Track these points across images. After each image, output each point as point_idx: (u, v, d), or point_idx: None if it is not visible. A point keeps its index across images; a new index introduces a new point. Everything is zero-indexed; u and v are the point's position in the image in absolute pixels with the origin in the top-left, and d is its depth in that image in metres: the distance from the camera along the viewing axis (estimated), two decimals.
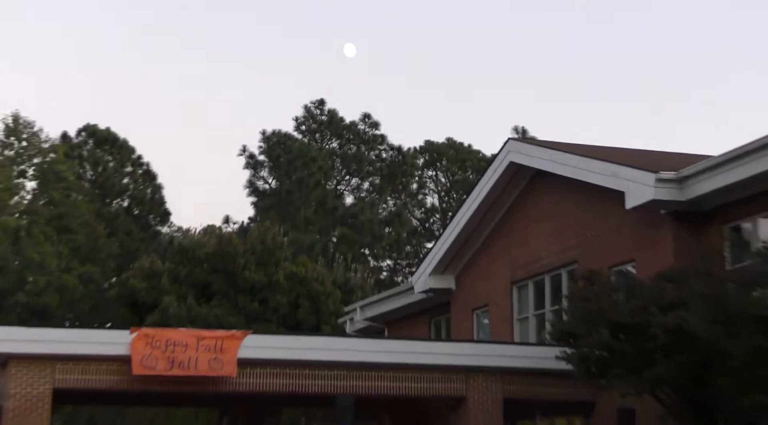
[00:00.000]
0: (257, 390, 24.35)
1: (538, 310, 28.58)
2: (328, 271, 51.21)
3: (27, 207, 48.96)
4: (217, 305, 42.85)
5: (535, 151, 28.45)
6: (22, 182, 50.98)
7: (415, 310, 34.89)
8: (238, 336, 23.72)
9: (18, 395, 21.82)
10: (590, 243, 25.86)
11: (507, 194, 29.64)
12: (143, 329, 24.29)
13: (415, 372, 24.79)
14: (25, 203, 49.34)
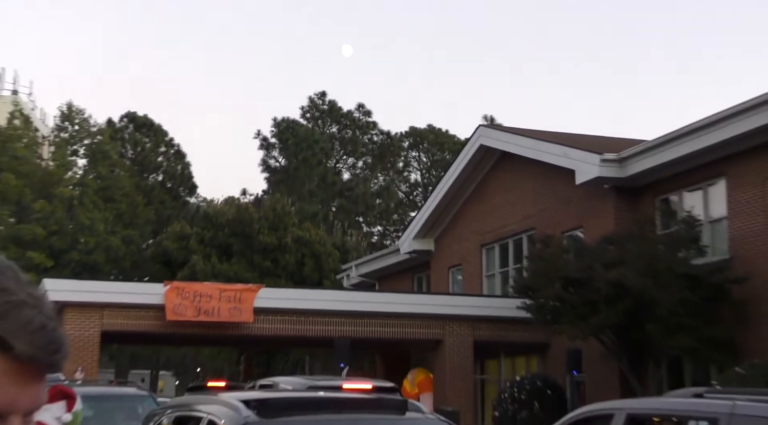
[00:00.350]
0: (269, 334, 24.90)
1: (503, 268, 28.80)
2: (329, 235, 50.92)
3: (79, 180, 48.85)
4: (236, 263, 43.03)
5: (501, 136, 28.66)
6: (75, 160, 50.90)
7: (401, 268, 34.85)
8: (253, 289, 24.33)
9: (72, 336, 21.94)
10: (546, 212, 26.03)
11: (477, 171, 29.66)
12: (175, 282, 24.87)
13: (401, 319, 25.22)
14: (77, 177, 49.23)
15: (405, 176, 70.15)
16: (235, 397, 6.07)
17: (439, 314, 25.67)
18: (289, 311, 24.23)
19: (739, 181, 20.95)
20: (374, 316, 25.05)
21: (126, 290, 24.38)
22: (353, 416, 6.05)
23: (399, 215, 65.59)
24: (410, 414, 6.15)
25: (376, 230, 66.32)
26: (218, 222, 45.90)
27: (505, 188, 28.61)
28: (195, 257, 43.06)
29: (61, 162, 48.17)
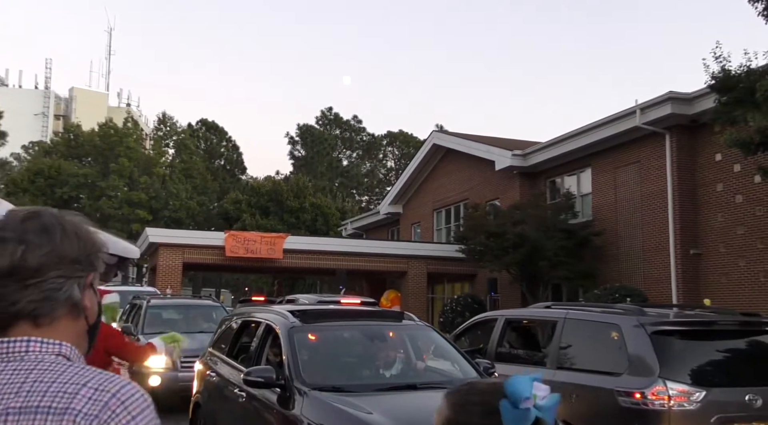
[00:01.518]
0: (293, 266, 25.09)
1: (447, 224, 28.87)
2: (333, 202, 51.31)
3: (169, 164, 48.85)
4: (272, 220, 42.93)
5: (447, 138, 28.59)
6: (167, 150, 51.19)
7: (380, 224, 34.89)
8: (282, 236, 24.48)
9: (164, 265, 22.64)
10: (475, 188, 26.11)
11: (431, 161, 29.60)
12: (231, 232, 24.86)
13: (380, 257, 25.46)
14: (168, 162, 49.38)
15: (384, 163, 70.40)
16: (284, 309, 5.95)
17: (404, 255, 25.86)
18: (306, 251, 24.38)
19: (599, 170, 21.16)
20: (362, 255, 25.22)
21: (199, 236, 24.46)
22: (365, 321, 5.88)
23: (379, 189, 65.85)
24: (405, 321, 5.97)
25: (364, 198, 66.63)
26: (260, 192, 45.81)
27: (449, 172, 28.57)
28: (245, 215, 43.00)
29: (158, 151, 48.20)
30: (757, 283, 16.49)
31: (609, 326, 5.76)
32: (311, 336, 5.40)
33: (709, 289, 17.59)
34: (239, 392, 5.34)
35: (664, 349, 5.27)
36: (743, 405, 5.07)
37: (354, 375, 5.10)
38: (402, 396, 4.55)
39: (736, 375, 5.45)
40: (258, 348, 5.63)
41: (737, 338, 5.81)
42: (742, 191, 17.00)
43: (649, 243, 18.96)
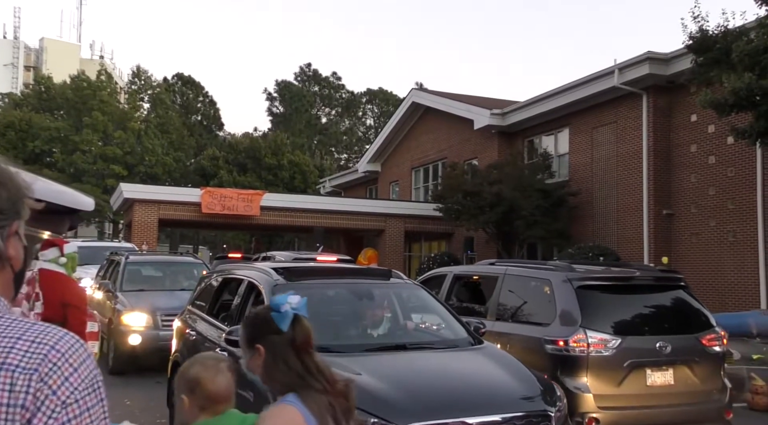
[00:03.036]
0: (271, 223, 24.89)
1: (425, 183, 28.85)
2: (312, 159, 51.06)
3: (144, 118, 47.85)
4: (249, 176, 42.32)
5: (426, 96, 28.27)
6: (141, 104, 49.93)
7: (359, 182, 34.82)
8: (259, 194, 24.13)
9: (139, 221, 22.28)
10: (454, 147, 26.03)
11: (410, 119, 29.34)
12: (207, 188, 24.55)
13: (357, 215, 25.33)
14: (143, 116, 48.30)
15: (363, 121, 69.67)
16: (267, 265, 5.65)
17: (382, 213, 25.79)
18: (283, 209, 24.16)
19: (576, 130, 21.14)
20: (340, 213, 25.07)
21: (175, 192, 24.10)
22: (352, 280, 5.60)
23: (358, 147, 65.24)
24: (393, 279, 5.68)
25: (343, 156, 66.08)
26: (238, 149, 45.20)
27: (428, 130, 28.40)
28: (222, 171, 42.44)
29: (133, 105, 46.99)
30: (726, 243, 16.78)
31: (541, 281, 6.28)
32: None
33: (679, 249, 17.88)
34: (220, 352, 5.06)
35: (587, 302, 5.80)
36: (654, 351, 5.68)
37: (341, 335, 4.91)
38: (391, 356, 4.40)
39: (650, 325, 6.03)
40: (240, 307, 5.37)
41: (653, 292, 6.42)
42: (715, 153, 17.15)
43: (624, 203, 19.10)
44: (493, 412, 3.64)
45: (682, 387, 5.77)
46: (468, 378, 4.12)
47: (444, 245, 26.99)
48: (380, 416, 3.50)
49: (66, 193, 3.09)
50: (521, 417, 3.71)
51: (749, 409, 8.56)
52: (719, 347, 6.15)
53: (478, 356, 4.52)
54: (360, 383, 3.71)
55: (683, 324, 6.15)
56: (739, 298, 16.11)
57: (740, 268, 16.38)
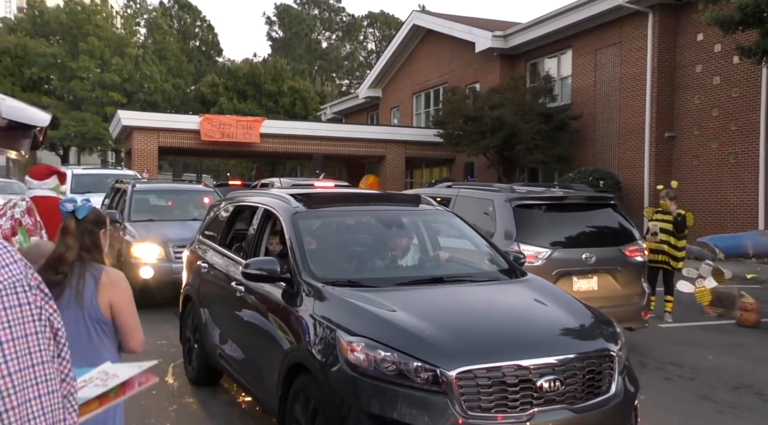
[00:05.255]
0: (272, 151, 24.69)
1: (426, 109, 28.53)
2: (312, 85, 50.18)
3: (141, 44, 46.67)
4: (249, 103, 41.61)
5: (428, 18, 27.55)
6: (138, 29, 48.68)
7: (360, 108, 34.37)
8: (259, 120, 23.82)
9: (139, 148, 22.05)
10: (455, 71, 25.58)
11: (411, 43, 28.71)
12: (206, 115, 24.18)
13: (358, 142, 25.11)
14: (140, 41, 47.05)
15: (364, 46, 68.07)
16: (285, 192, 5.12)
17: (383, 139, 25.56)
18: (283, 136, 23.92)
19: (580, 52, 20.67)
20: (341, 140, 24.85)
21: (174, 119, 23.59)
22: (377, 206, 5.13)
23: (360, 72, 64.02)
24: (423, 206, 5.22)
25: (344, 82, 64.96)
26: (237, 75, 44.09)
27: (429, 54, 27.81)
28: (222, 98, 41.53)
29: (129, 30, 45.53)
30: (727, 165, 16.77)
31: (486, 201, 6.78)
32: (318, 222, 4.75)
33: (680, 171, 17.88)
34: (236, 286, 4.71)
35: (523, 220, 6.41)
36: (580, 261, 6.43)
37: (370, 268, 4.50)
38: (428, 290, 3.97)
39: (577, 239, 6.67)
40: (256, 237, 4.90)
41: (584, 210, 6.99)
42: (720, 73, 16.88)
43: (626, 126, 18.89)
44: (550, 353, 3.29)
45: (604, 292, 6.45)
46: (517, 314, 3.75)
47: (445, 171, 26.87)
48: (424, 359, 3.14)
49: (23, 109, 2.97)
50: (582, 357, 3.36)
51: (738, 325, 8.79)
52: (641, 257, 6.87)
53: (525, 289, 4.12)
54: (396, 321, 3.42)
55: (609, 238, 6.83)
56: (738, 219, 16.23)
57: (740, 190, 16.43)
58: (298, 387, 3.64)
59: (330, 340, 3.42)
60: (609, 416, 3.38)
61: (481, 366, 3.16)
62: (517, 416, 3.15)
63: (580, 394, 3.33)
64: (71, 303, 2.62)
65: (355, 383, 3.21)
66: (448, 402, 3.09)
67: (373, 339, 3.27)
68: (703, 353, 7.29)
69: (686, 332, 8.43)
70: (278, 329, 4.00)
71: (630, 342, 3.76)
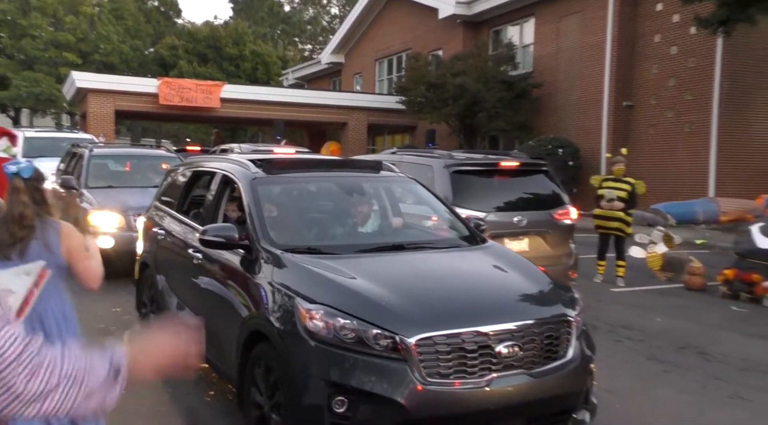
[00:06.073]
0: (233, 116, 24.30)
1: (389, 75, 28.31)
2: (275, 50, 49.29)
3: (97, 2, 44.89)
4: (210, 67, 40.24)
5: None
6: None
7: (322, 74, 33.94)
8: (219, 85, 23.33)
9: (94, 112, 21.38)
10: (418, 38, 25.31)
11: (374, 8, 28.22)
12: (165, 78, 23.60)
13: (320, 108, 24.80)
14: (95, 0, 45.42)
15: (327, 10, 66.74)
16: (244, 157, 4.97)
17: (345, 106, 25.32)
18: (245, 101, 23.45)
19: (542, 20, 20.67)
20: (303, 106, 24.49)
21: (131, 82, 22.87)
22: (338, 173, 5.01)
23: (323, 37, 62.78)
24: (385, 172, 5.10)
25: (307, 47, 63.77)
26: (198, 38, 42.75)
27: (392, 20, 27.44)
28: (181, 62, 40.30)
29: None
30: (682, 134, 17.09)
31: (426, 167, 6.96)
32: (278, 188, 4.66)
33: (637, 140, 18.17)
34: (194, 253, 4.62)
35: (460, 185, 6.65)
36: (511, 224, 6.79)
37: (331, 235, 4.44)
38: (388, 257, 3.94)
39: (510, 203, 6.99)
40: (214, 203, 4.82)
41: (518, 176, 7.29)
42: (677, 43, 17.08)
43: (585, 95, 19.03)
44: (509, 319, 3.30)
45: (534, 252, 6.69)
46: (477, 281, 3.75)
47: (407, 139, 26.78)
48: (383, 326, 3.11)
49: None
50: (540, 322, 3.38)
51: (686, 289, 9.07)
52: (569, 220, 7.24)
53: (485, 256, 4.10)
54: (356, 288, 3.38)
55: (540, 202, 7.18)
56: (691, 187, 16.61)
57: (693, 158, 16.78)
58: (257, 355, 3.61)
59: (289, 308, 3.39)
60: (566, 379, 3.42)
61: (441, 332, 3.15)
62: (475, 381, 3.16)
63: (538, 359, 3.36)
64: (42, 254, 2.90)
65: (314, 351, 3.19)
66: (408, 369, 3.08)
67: (332, 306, 3.25)
68: (652, 316, 7.49)
69: (637, 296, 8.64)
70: (236, 296, 3.95)
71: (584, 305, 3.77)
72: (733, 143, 16.15)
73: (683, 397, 4.92)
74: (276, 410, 3.41)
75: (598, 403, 3.76)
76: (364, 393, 3.06)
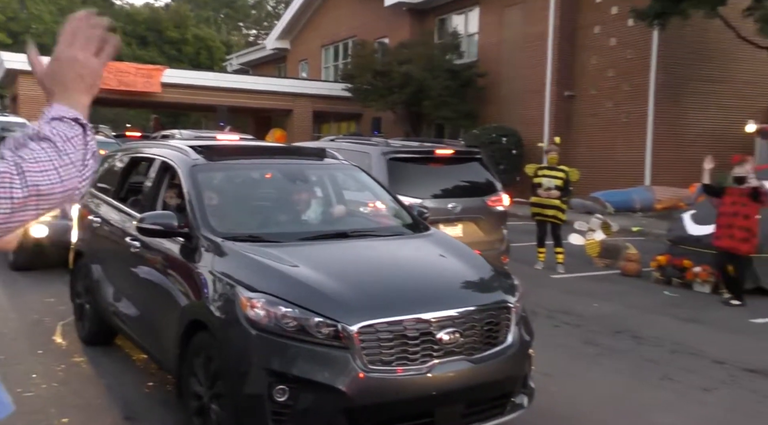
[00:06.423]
0: (173, 102, 23.71)
1: (335, 62, 28.17)
2: (218, 34, 48.25)
3: None
4: (151, 51, 39.09)
5: None
6: None
7: (267, 60, 33.43)
8: (160, 69, 22.69)
9: (26, 95, 20.53)
10: (365, 25, 25.19)
11: None
12: None
13: (265, 94, 24.46)
14: None
15: None
16: (184, 143, 4.88)
17: (291, 92, 25.03)
18: (187, 86, 22.88)
19: (487, 9, 20.86)
20: (248, 92, 24.08)
21: None
22: (281, 160, 4.97)
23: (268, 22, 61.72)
24: (328, 160, 5.11)
25: (252, 32, 62.53)
26: (137, 20, 41.40)
27: (338, 6, 27.20)
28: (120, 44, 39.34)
29: None
30: (620, 123, 17.58)
31: (364, 154, 7.01)
32: (219, 175, 4.57)
33: (578, 129, 18.59)
34: (131, 241, 4.50)
35: (396, 172, 6.77)
36: (446, 210, 6.89)
37: (273, 223, 4.38)
38: (331, 245, 3.93)
39: (445, 190, 7.16)
40: (152, 190, 4.73)
41: (452, 164, 7.45)
42: (616, 34, 17.51)
43: (528, 85, 19.30)
44: (451, 306, 3.33)
45: (468, 238, 6.83)
46: (420, 269, 3.79)
47: (353, 126, 26.70)
48: (325, 315, 3.11)
49: None
50: (481, 309, 3.43)
51: (622, 275, 9.38)
52: (502, 207, 7.51)
53: (427, 243, 4.14)
54: (298, 277, 3.36)
55: (474, 189, 7.38)
56: (629, 175, 17.13)
57: (631, 147, 17.31)
58: (197, 345, 3.54)
59: (229, 296, 3.34)
60: (505, 365, 3.48)
61: (383, 320, 3.16)
62: (417, 368, 3.18)
63: (479, 345, 3.40)
64: None
65: (255, 340, 3.15)
66: (350, 357, 3.08)
67: (273, 294, 3.22)
68: (589, 301, 7.72)
69: (575, 282, 8.88)
70: (176, 285, 3.87)
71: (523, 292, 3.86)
72: (667, 133, 16.71)
73: (617, 379, 5.09)
74: (216, 400, 3.36)
75: (536, 387, 3.85)
76: (305, 382, 3.04)
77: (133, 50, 38.56)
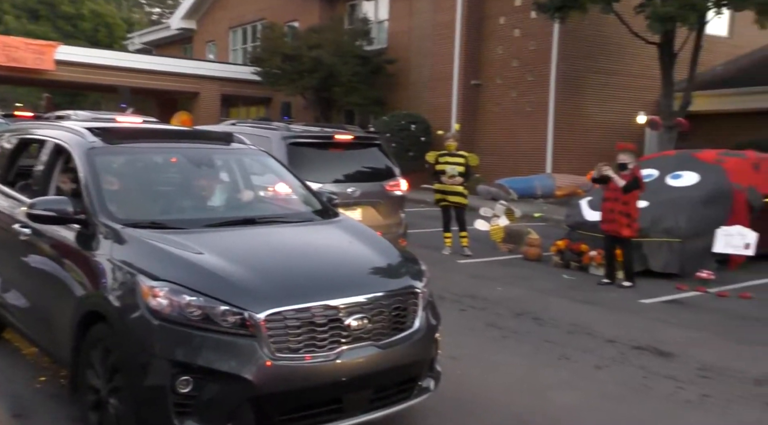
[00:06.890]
0: (69, 80, 22.44)
1: (244, 45, 27.60)
2: (118, 11, 45.88)
3: None
4: (43, 25, 36.11)
5: None
6: None
7: (172, 40, 32.28)
8: (53, 45, 21.45)
9: None
10: (274, 8, 24.79)
11: None
12: None
13: (170, 76, 23.66)
14: None
15: None
16: (79, 125, 4.58)
17: (197, 75, 24.29)
18: (84, 64, 21.68)
19: None
20: (151, 73, 23.18)
21: None
22: (186, 144, 4.79)
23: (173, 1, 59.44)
24: (235, 144, 4.96)
25: (155, 10, 59.84)
26: None
27: None
28: (8, 17, 36.15)
29: None
30: (523, 112, 18.18)
31: (265, 138, 7.02)
32: (118, 159, 4.35)
33: (483, 118, 19.07)
34: (21, 228, 4.24)
35: (297, 156, 6.84)
36: (345, 195, 6.94)
37: (177, 209, 4.22)
38: (238, 232, 3.84)
39: (345, 175, 7.31)
40: (44, 174, 4.45)
41: (352, 149, 7.60)
42: (520, 26, 18.04)
43: (436, 73, 19.59)
44: (359, 292, 3.34)
45: (367, 221, 6.85)
46: (328, 255, 3.76)
47: (263, 111, 26.27)
48: (231, 303, 3.05)
49: None
50: (389, 295, 3.45)
51: (524, 259, 9.75)
52: (400, 191, 7.71)
53: (336, 230, 4.11)
54: (202, 264, 3.26)
55: (373, 174, 7.56)
56: (531, 163, 17.76)
57: (533, 136, 17.94)
58: (95, 336, 3.38)
59: (130, 285, 3.21)
60: (412, 349, 3.52)
61: (290, 307, 3.13)
62: (325, 355, 3.17)
63: (386, 330, 3.42)
64: None
65: (157, 330, 3.04)
66: (257, 345, 3.03)
67: (177, 283, 3.11)
68: (494, 285, 7.97)
69: (481, 266, 9.14)
70: (71, 274, 3.66)
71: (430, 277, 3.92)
72: (567, 122, 17.44)
73: (519, 360, 5.29)
74: (115, 393, 3.23)
75: (442, 370, 3.92)
76: (210, 372, 2.96)
77: (23, 24, 35.90)
